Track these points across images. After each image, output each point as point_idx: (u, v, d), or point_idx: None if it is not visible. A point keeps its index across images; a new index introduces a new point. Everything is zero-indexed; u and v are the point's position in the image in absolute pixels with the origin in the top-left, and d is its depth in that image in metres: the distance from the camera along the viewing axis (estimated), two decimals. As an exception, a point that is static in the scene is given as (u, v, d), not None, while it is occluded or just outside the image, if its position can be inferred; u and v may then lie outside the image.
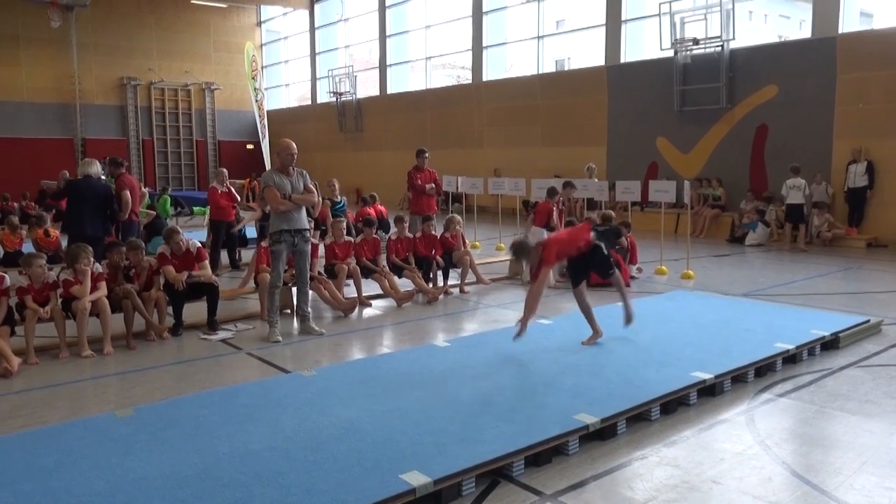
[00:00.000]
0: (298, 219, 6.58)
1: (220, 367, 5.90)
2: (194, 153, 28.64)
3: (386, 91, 24.41)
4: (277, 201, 6.42)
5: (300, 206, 6.55)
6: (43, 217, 10.18)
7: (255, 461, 3.64)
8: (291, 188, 6.49)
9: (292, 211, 6.50)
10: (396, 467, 3.51)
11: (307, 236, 6.66)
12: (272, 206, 6.54)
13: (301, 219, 6.60)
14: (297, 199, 6.50)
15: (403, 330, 7.11)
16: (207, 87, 28.50)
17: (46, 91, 25.22)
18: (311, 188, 6.69)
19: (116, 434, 4.06)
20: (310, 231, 6.81)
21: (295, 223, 6.54)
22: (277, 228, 6.53)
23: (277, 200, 6.42)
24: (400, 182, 20.75)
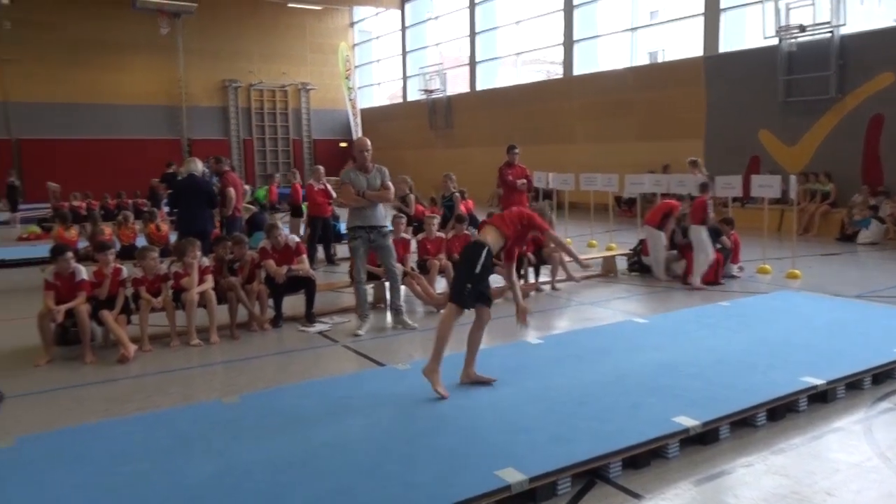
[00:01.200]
0: (373, 215, 6.61)
1: (318, 358, 6.07)
2: (291, 151, 29.66)
3: (475, 88, 24.44)
4: (350, 198, 6.57)
5: (375, 202, 6.59)
6: (154, 213, 10.78)
7: (353, 452, 3.73)
8: (367, 185, 6.56)
9: (367, 208, 6.57)
10: (491, 463, 3.50)
11: (384, 232, 6.69)
12: (346, 202, 6.70)
13: (376, 215, 6.62)
14: (370, 196, 6.55)
15: (494, 326, 7.03)
16: (303, 88, 29.43)
17: (156, 94, 26.74)
18: (388, 185, 6.67)
19: (224, 420, 4.25)
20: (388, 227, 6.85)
21: (369, 219, 6.60)
22: (352, 225, 6.69)
23: (350, 197, 6.57)
24: (490, 179, 20.80)
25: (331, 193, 11.14)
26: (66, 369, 5.76)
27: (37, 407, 4.87)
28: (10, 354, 6.17)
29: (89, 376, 5.59)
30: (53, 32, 24.60)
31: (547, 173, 13.65)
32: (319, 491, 3.29)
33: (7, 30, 23.27)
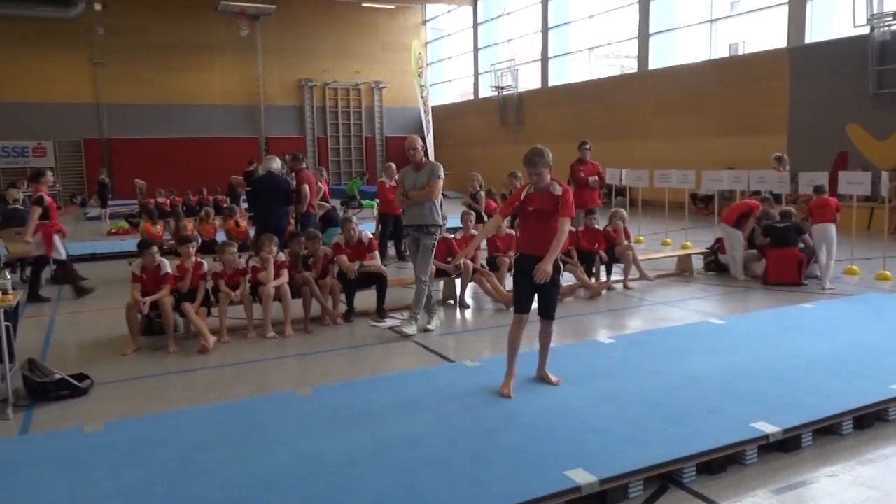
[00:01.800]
0: (416, 214, 6.56)
1: (388, 353, 6.15)
2: (363, 149, 30.15)
3: (547, 83, 24.21)
4: (397, 199, 6.77)
5: (417, 202, 6.51)
6: (234, 209, 11.16)
7: (422, 446, 3.76)
8: (414, 183, 6.54)
9: (413, 206, 6.56)
10: (561, 464, 3.47)
11: (430, 230, 6.58)
12: (397, 202, 6.84)
13: (419, 214, 6.54)
14: (412, 195, 6.55)
15: (565, 325, 7.00)
16: (376, 86, 29.85)
17: (236, 94, 27.67)
18: (431, 184, 6.46)
19: (297, 411, 4.37)
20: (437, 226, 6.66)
21: (414, 218, 6.59)
22: (405, 223, 6.78)
23: (397, 198, 6.76)
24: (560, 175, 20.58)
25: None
26: (150, 358, 6.04)
27: (123, 393, 5.12)
28: (100, 343, 6.51)
29: (172, 366, 5.84)
30: (141, 36, 25.78)
31: (620, 170, 13.40)
32: (389, 484, 3.34)
33: (100, 35, 24.52)
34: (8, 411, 4.65)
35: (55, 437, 4.17)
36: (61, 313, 7.95)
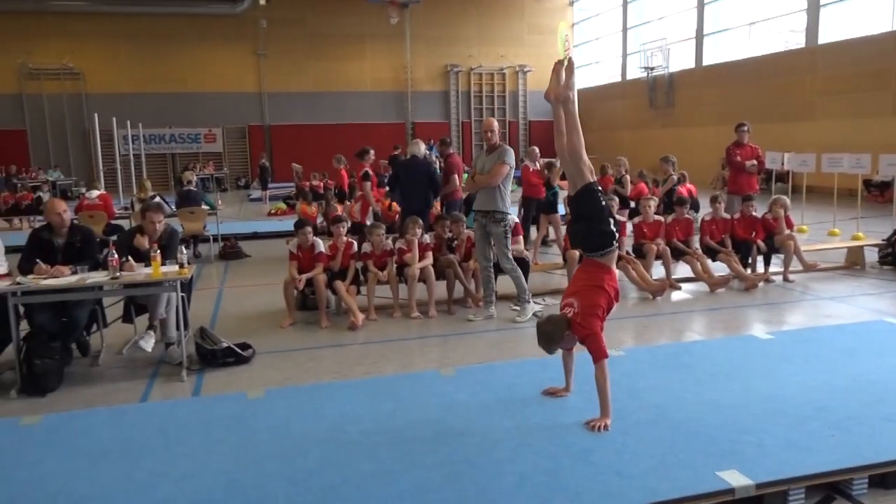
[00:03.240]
0: (483, 199, 6.39)
1: (529, 337, 6.07)
2: (507, 133, 30.12)
3: (702, 63, 22.92)
4: (467, 183, 6.63)
5: (482, 186, 6.33)
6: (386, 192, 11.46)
7: (564, 434, 3.71)
8: (482, 167, 6.36)
9: (481, 191, 6.39)
10: (712, 463, 3.29)
11: (497, 217, 6.35)
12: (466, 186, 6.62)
13: (486, 199, 6.34)
14: (477, 180, 6.37)
15: (716, 317, 6.65)
16: (520, 70, 29.68)
17: (384, 81, 28.59)
18: (495, 170, 6.22)
19: (441, 391, 4.46)
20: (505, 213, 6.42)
21: (480, 203, 6.43)
22: (473, 208, 6.64)
23: (468, 182, 6.60)
24: (712, 160, 19.50)
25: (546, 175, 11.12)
26: (305, 332, 6.40)
27: (281, 363, 5.47)
28: (261, 315, 6.99)
29: (324, 340, 6.16)
30: (300, 28, 27.28)
31: (782, 153, 12.45)
32: (531, 470, 3.32)
33: (263, 28, 26.20)
34: (182, 374, 5.12)
35: (222, 400, 4.53)
36: (228, 286, 8.63)
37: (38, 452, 3.73)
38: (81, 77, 25.85)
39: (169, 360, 5.44)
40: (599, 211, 3.96)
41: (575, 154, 4.04)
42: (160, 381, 5.09)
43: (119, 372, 5.34)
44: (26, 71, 25.29)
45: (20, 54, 24.97)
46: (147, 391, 4.89)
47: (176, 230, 6.06)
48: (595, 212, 3.96)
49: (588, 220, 3.99)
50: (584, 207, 4.02)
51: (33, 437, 3.96)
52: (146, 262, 5.26)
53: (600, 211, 3.96)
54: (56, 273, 5.01)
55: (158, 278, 5.07)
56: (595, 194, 3.98)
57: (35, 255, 5.19)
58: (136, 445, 3.77)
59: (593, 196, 3.97)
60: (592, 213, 3.96)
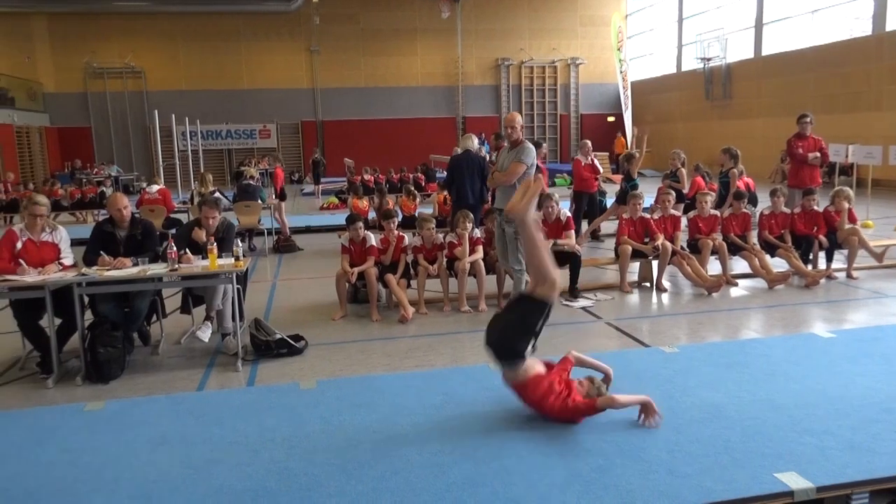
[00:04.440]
0: (500, 197, 6.30)
1: (580, 333, 6.06)
2: (558, 127, 29.86)
3: (761, 52, 22.22)
4: (490, 178, 6.51)
5: (503, 183, 6.22)
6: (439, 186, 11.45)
7: (615, 432, 3.66)
8: (503, 164, 6.25)
9: (502, 188, 6.29)
10: (770, 464, 3.20)
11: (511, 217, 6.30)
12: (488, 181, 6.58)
13: (502, 197, 6.24)
14: (495, 177, 6.27)
15: (775, 314, 6.45)
16: (572, 63, 29.32)
17: (436, 76, 28.63)
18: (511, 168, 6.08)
19: (491, 385, 4.44)
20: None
21: (499, 201, 6.33)
22: (494, 205, 6.55)
23: (490, 177, 6.49)
24: (771, 153, 18.91)
25: (598, 169, 10.98)
26: (356, 325, 6.47)
27: (332, 355, 5.55)
28: (313, 308, 7.10)
29: (375, 333, 6.22)
30: (352, 24, 27.54)
31: (846, 145, 11.99)
32: (581, 466, 3.29)
33: (316, 24, 26.54)
34: (238, 364, 5.24)
35: (275, 390, 4.62)
36: (281, 279, 8.79)
37: (101, 437, 3.87)
38: (142, 75, 26.67)
39: (225, 351, 5.58)
40: (529, 328, 3.78)
41: (539, 273, 3.88)
42: (216, 371, 5.22)
43: (177, 361, 5.51)
44: (91, 70, 26.24)
45: (86, 54, 25.93)
46: (204, 380, 5.03)
47: (232, 224, 6.20)
48: (526, 326, 3.78)
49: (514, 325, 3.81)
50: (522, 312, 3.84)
51: (97, 422, 4.11)
52: (203, 254, 5.40)
53: (529, 329, 3.78)
54: (118, 265, 5.19)
55: (215, 270, 5.20)
56: (541, 314, 3.81)
57: (99, 247, 5.39)
58: (194, 433, 3.88)
59: (537, 312, 3.80)
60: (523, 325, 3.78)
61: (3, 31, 25.23)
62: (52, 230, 5.41)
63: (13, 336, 5.54)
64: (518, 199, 3.98)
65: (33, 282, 4.94)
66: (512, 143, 6.25)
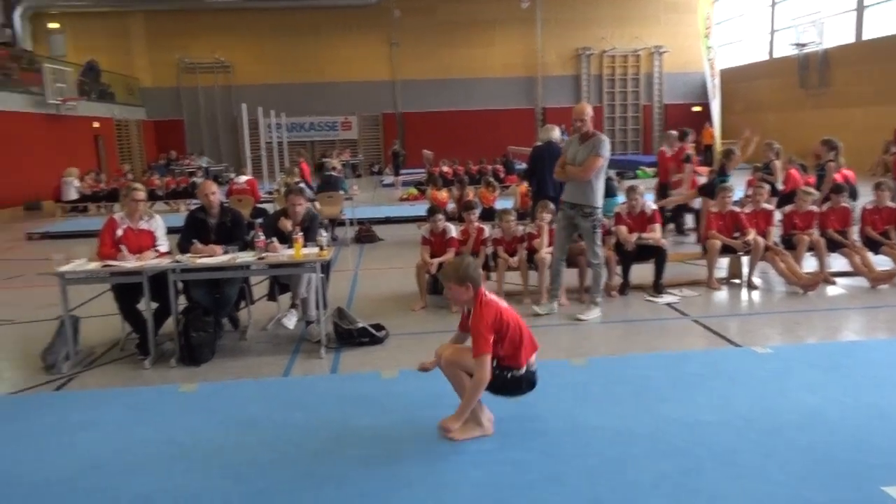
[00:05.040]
0: (573, 191, 6.04)
1: (665, 330, 5.88)
2: (640, 117, 29.11)
3: (861, 37, 20.94)
4: (557, 170, 6.21)
5: (574, 178, 5.98)
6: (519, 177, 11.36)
7: (705, 433, 3.53)
8: (575, 157, 5.99)
9: (571, 182, 6.04)
10: (877, 476, 3.01)
11: (587, 211, 6.01)
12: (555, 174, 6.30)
13: (576, 191, 6.01)
14: (568, 170, 6.01)
15: (879, 316, 6.07)
16: (656, 51, 28.48)
17: (514, 66, 28.39)
18: (588, 163, 5.87)
19: (572, 380, 4.38)
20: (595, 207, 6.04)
21: (569, 195, 6.08)
22: (562, 198, 6.25)
23: (557, 169, 6.20)
24: (873, 143, 17.81)
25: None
26: (435, 315, 6.49)
27: (412, 346, 5.57)
28: (393, 298, 7.17)
29: (454, 324, 6.11)
30: (431, 16, 27.63)
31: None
32: (668, 468, 3.19)
33: (396, 17, 26.78)
34: (321, 351, 5.35)
35: (358, 378, 4.69)
36: (363, 269, 8.93)
37: (195, 418, 4.03)
38: (231, 70, 27.63)
39: (309, 338, 5.71)
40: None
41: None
42: (301, 357, 5.35)
43: (264, 346, 5.67)
44: (184, 66, 27.39)
45: (178, 50, 27.09)
46: (289, 366, 5.16)
47: (316, 214, 6.33)
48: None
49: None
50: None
51: (190, 403, 4.29)
52: (289, 243, 5.53)
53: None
54: (209, 252, 5.38)
55: (300, 259, 5.32)
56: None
57: (192, 234, 5.61)
58: (280, 417, 3.98)
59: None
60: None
61: (105, 30, 26.65)
62: (149, 218, 5.67)
63: (114, 318, 5.84)
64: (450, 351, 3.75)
65: (132, 267, 5.19)
66: (582, 135, 6.03)
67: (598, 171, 5.94)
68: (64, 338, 5.22)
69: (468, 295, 3.64)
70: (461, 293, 3.64)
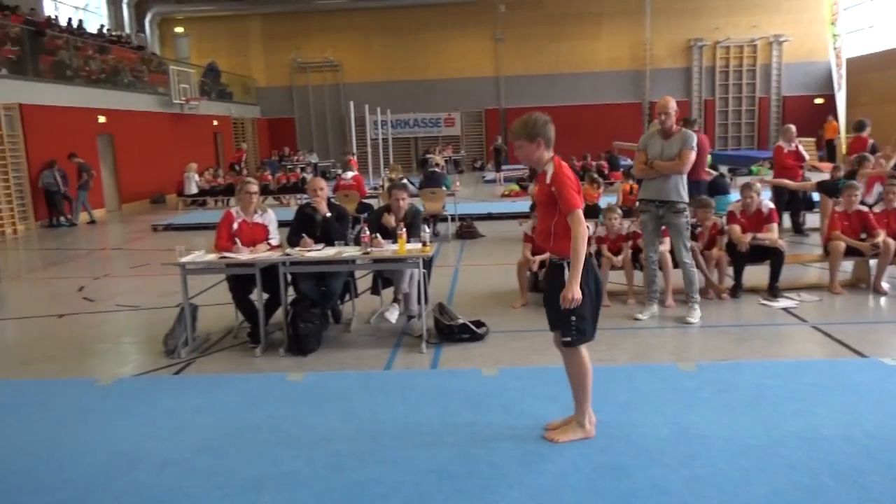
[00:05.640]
0: (660, 187, 5.72)
1: (781, 337, 5.55)
2: (755, 111, 27.66)
3: None
4: (637, 167, 5.96)
5: (668, 172, 5.67)
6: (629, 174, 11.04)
7: (827, 449, 3.30)
8: (662, 153, 5.68)
9: (657, 178, 5.73)
10: None
11: (679, 208, 5.71)
12: (635, 171, 6.09)
13: (664, 188, 5.70)
14: (657, 166, 5.69)
15: None
16: (775, 40, 26.95)
17: (621, 59, 27.67)
18: (684, 155, 5.59)
19: (679, 386, 4.20)
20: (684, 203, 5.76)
21: (655, 192, 5.77)
22: (642, 196, 5.97)
23: (637, 166, 5.95)
24: None
25: (802, 156, 10.00)
26: (536, 313, 6.37)
27: (512, 344, 5.54)
28: (494, 295, 7.15)
29: (555, 323, 6.11)
30: (537, 11, 27.39)
31: None
32: (785, 484, 3.00)
33: (501, 13, 26.70)
34: (422, 346, 5.41)
35: (458, 374, 4.71)
36: (463, 265, 8.97)
37: (302, 407, 4.17)
38: (340, 68, 28.48)
39: (410, 332, 5.79)
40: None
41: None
42: (402, 351, 5.43)
43: (367, 339, 5.80)
44: (296, 65, 28.51)
45: (291, 51, 28.23)
46: (391, 359, 5.25)
47: (419, 210, 6.41)
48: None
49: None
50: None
51: (297, 392, 4.44)
52: (392, 239, 5.63)
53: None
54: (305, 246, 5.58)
55: (403, 255, 5.39)
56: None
57: (301, 228, 5.82)
58: (382, 409, 4.05)
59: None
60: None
61: (225, 33, 28.19)
62: (262, 212, 5.93)
63: (228, 307, 6.15)
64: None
65: (246, 259, 5.44)
66: (666, 130, 5.79)
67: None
68: (183, 324, 5.55)
69: (539, 153, 3.47)
70: (531, 150, 3.46)
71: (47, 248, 12.30)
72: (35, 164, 14.69)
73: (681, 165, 5.69)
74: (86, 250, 11.82)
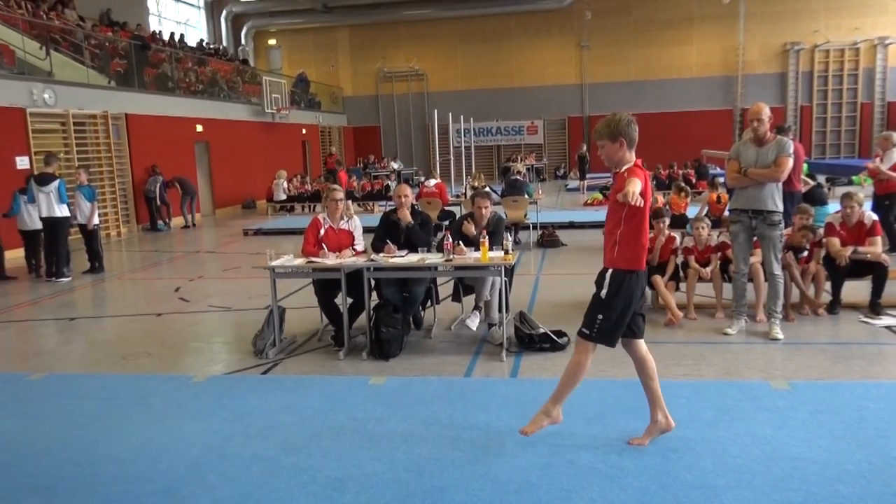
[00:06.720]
0: (758, 196, 5.44)
1: (883, 356, 5.23)
2: (857, 117, 26.19)
3: None
4: (730, 176, 5.68)
5: (759, 181, 5.41)
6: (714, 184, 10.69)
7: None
8: (756, 160, 5.41)
9: (751, 187, 5.47)
10: None
11: (774, 219, 5.43)
12: (727, 180, 5.86)
13: (758, 197, 5.44)
14: (752, 174, 5.41)
15: None
16: (880, 43, 25.45)
17: (711, 66, 26.79)
18: (781, 162, 5.33)
19: (771, 405, 4.03)
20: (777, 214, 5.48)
21: (752, 202, 5.49)
22: (733, 206, 5.70)
23: (730, 175, 5.67)
24: None
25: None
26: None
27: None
28: (575, 305, 6.98)
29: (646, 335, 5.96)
30: (624, 17, 26.92)
31: None
32: (888, 513, 2.82)
33: (587, 20, 26.40)
34: (502, 354, 5.40)
35: (539, 384, 4.65)
36: (544, 274, 8.89)
37: (384, 410, 4.24)
38: (424, 77, 28.87)
39: (491, 340, 5.79)
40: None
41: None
42: (482, 359, 5.44)
43: (448, 346, 5.84)
44: (382, 75, 29.11)
45: (378, 60, 28.84)
46: (471, 367, 5.26)
47: (502, 217, 6.40)
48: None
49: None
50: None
51: (379, 395, 4.52)
52: (474, 246, 5.65)
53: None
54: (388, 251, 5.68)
55: (486, 263, 5.40)
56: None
57: (385, 234, 5.93)
58: (462, 416, 4.07)
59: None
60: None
61: (314, 45, 29.14)
62: (348, 219, 6.08)
63: (313, 311, 6.33)
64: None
65: (332, 264, 5.60)
66: (759, 137, 5.55)
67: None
68: (272, 326, 5.75)
69: (621, 153, 3.45)
70: (614, 150, 3.46)
71: (146, 250, 13.02)
72: (138, 170, 15.59)
73: (778, 172, 5.46)
74: (182, 252, 12.44)
